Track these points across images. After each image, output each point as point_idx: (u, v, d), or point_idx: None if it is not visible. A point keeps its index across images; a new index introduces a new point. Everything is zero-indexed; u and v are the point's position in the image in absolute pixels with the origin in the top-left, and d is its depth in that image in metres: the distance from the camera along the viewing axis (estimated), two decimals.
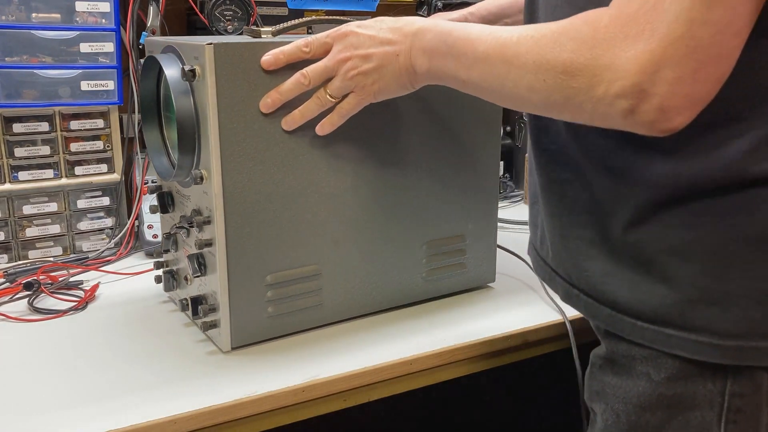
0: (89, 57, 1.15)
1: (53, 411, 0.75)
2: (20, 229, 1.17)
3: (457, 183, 0.98)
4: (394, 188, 0.93)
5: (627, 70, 0.53)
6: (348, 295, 0.93)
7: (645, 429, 0.66)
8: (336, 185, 0.88)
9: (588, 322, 0.74)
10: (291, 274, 0.87)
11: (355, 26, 0.77)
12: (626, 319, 0.66)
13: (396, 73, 0.75)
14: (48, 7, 1.12)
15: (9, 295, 1.02)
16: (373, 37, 0.75)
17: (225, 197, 0.81)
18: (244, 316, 0.85)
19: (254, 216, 0.83)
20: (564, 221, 0.71)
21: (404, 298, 0.98)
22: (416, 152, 0.93)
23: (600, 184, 0.66)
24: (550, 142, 0.72)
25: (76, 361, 0.85)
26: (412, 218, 0.95)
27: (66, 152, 1.18)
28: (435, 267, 0.99)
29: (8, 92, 1.11)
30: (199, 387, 0.79)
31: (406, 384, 0.87)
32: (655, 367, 0.64)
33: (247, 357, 0.85)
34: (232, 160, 0.81)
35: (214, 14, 1.23)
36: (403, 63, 0.74)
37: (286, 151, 0.84)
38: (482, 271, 1.04)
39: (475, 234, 1.01)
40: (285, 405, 0.79)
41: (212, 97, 0.78)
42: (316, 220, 0.88)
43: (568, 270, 0.72)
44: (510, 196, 1.58)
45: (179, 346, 0.88)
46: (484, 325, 0.93)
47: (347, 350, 0.87)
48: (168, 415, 0.73)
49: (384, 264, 0.94)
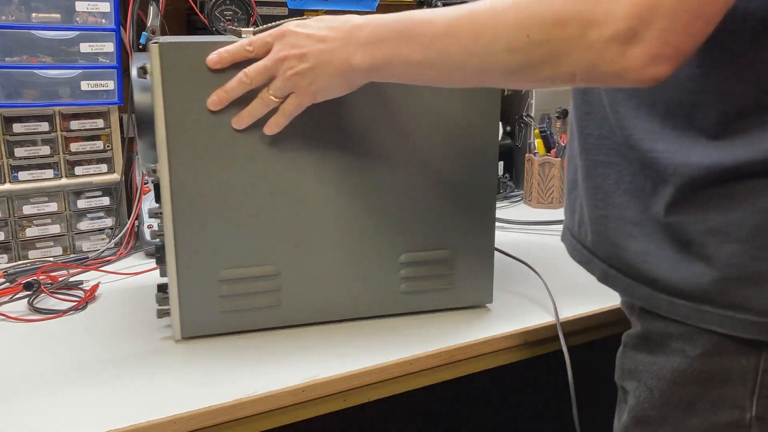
0: (89, 57, 1.15)
1: (53, 411, 0.75)
2: (20, 229, 1.17)
3: (442, 189, 0.91)
4: (364, 191, 0.89)
5: (624, 13, 0.54)
6: (311, 298, 0.91)
7: (678, 403, 0.68)
8: (295, 186, 0.86)
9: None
10: (247, 272, 0.88)
11: (294, 25, 0.76)
12: (663, 297, 0.67)
13: (331, 72, 0.74)
14: (48, 7, 1.12)
15: (9, 295, 1.02)
16: (310, 35, 0.74)
17: (173, 191, 0.83)
18: (196, 307, 0.87)
19: (204, 211, 0.85)
20: (606, 203, 0.73)
21: (379, 309, 0.93)
22: (390, 152, 0.88)
23: (643, 167, 0.68)
24: (595, 127, 0.74)
25: (76, 361, 0.85)
26: (385, 226, 0.90)
27: (66, 152, 1.18)
28: (415, 281, 0.94)
29: (8, 92, 1.11)
30: (199, 387, 0.79)
31: (406, 384, 0.87)
32: (691, 343, 0.66)
33: (248, 360, 0.85)
34: (179, 155, 0.83)
35: (214, 14, 1.23)
36: (338, 61, 0.73)
37: (237, 149, 0.84)
38: (475, 290, 0.97)
39: (465, 250, 0.94)
40: (285, 405, 0.79)
41: (158, 93, 0.81)
42: (274, 220, 0.87)
43: (607, 251, 0.74)
44: (510, 196, 1.58)
45: (179, 346, 0.88)
46: None
47: (347, 350, 0.87)
48: (168, 415, 0.73)
49: (353, 272, 0.91)
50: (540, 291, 1.03)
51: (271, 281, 0.89)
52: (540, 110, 1.59)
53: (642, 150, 0.67)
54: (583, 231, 0.78)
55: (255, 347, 0.88)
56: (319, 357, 0.85)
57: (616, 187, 0.71)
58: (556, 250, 1.20)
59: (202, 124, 0.83)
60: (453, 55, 0.66)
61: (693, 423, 0.67)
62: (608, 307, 0.98)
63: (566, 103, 1.61)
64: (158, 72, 0.80)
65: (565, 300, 1.00)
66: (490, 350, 0.91)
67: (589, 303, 0.99)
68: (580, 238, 0.79)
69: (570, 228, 0.83)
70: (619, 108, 0.68)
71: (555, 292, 1.00)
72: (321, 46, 0.74)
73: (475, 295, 0.97)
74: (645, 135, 0.67)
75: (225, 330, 0.89)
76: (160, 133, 0.82)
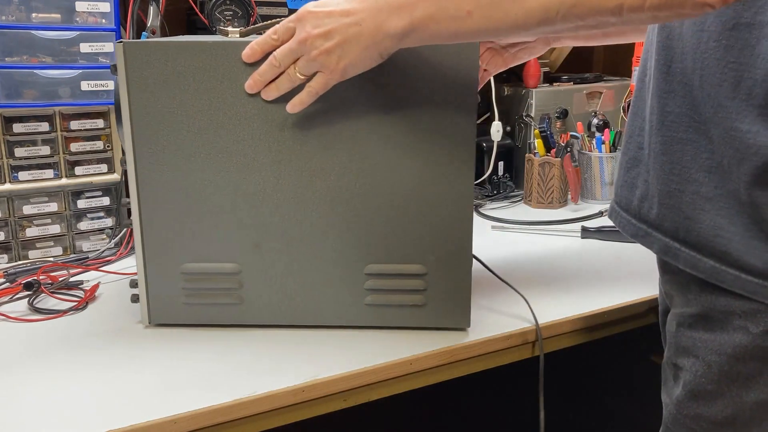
0: (89, 57, 1.15)
1: (53, 411, 0.75)
2: (20, 229, 1.17)
3: (412, 199, 0.87)
4: (328, 197, 0.86)
5: None
6: (272, 300, 0.91)
7: (736, 378, 0.71)
8: (255, 187, 0.87)
9: None
10: (208, 267, 0.90)
11: (312, 6, 0.76)
12: (730, 272, 0.70)
13: (362, 44, 0.73)
14: (48, 7, 1.12)
15: (9, 295, 1.02)
16: (331, 12, 0.73)
17: (138, 185, 0.88)
18: (161, 297, 0.91)
19: (168, 205, 0.88)
20: (682, 178, 0.74)
21: (343, 319, 0.91)
22: (355, 156, 0.85)
23: (722, 145, 0.70)
24: (676, 105, 0.75)
25: (76, 361, 0.85)
26: (350, 234, 0.88)
27: (66, 152, 1.18)
28: (382, 294, 0.90)
29: (8, 92, 1.11)
30: (199, 387, 0.79)
31: (406, 384, 0.86)
32: (754, 321, 0.69)
33: (248, 359, 0.85)
34: (143, 151, 0.86)
35: (214, 14, 1.23)
36: (368, 31, 0.72)
37: (199, 148, 0.86)
38: (450, 312, 0.90)
39: (438, 267, 0.88)
40: (285, 405, 0.79)
41: (124, 92, 0.85)
42: (235, 219, 0.88)
43: (676, 224, 0.75)
44: (510, 196, 1.58)
45: (179, 347, 0.88)
46: None
47: (347, 350, 0.87)
48: (168, 415, 0.73)
49: (315, 278, 0.89)
50: (538, 289, 1.03)
51: (233, 279, 0.90)
52: (540, 110, 1.59)
53: (725, 128, 0.69)
54: (646, 206, 0.80)
55: (255, 347, 0.88)
56: (319, 357, 0.85)
57: (692, 163, 0.73)
58: (556, 250, 1.20)
59: (166, 123, 0.86)
60: None
61: (750, 397, 0.71)
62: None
63: (566, 103, 1.62)
64: (123, 71, 0.84)
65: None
66: (490, 350, 0.91)
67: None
68: (639, 213, 0.81)
69: (624, 204, 0.84)
70: (710, 89, 0.70)
71: (550, 296, 1.00)
72: (346, 20, 0.72)
73: (450, 317, 0.90)
74: (727, 114, 0.69)
75: (189, 321, 0.92)
76: (126, 130, 0.86)
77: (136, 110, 0.85)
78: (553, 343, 0.96)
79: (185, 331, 0.92)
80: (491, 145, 1.56)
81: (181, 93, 0.84)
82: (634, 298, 1.01)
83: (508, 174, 1.62)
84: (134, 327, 0.94)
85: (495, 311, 0.97)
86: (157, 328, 0.93)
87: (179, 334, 0.91)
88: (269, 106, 0.84)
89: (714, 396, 0.73)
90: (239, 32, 0.92)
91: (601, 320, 0.99)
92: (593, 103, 1.66)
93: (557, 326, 0.95)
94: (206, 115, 0.85)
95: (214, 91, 0.84)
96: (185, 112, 0.85)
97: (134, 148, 0.86)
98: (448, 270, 0.88)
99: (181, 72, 0.84)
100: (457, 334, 0.90)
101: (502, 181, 1.59)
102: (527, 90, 1.59)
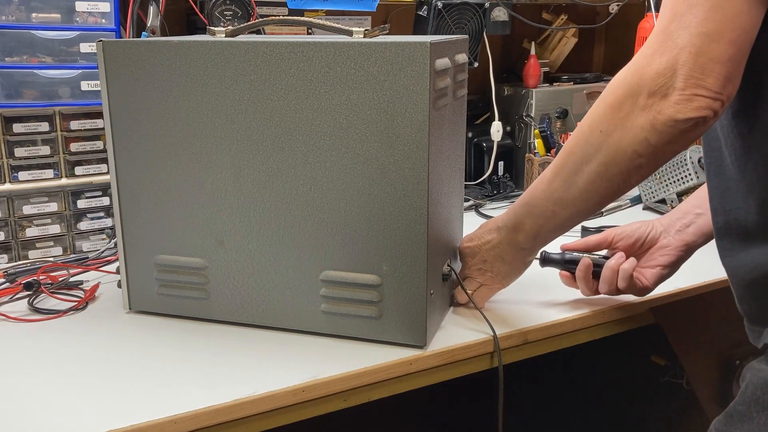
0: (89, 57, 1.15)
1: (53, 411, 0.75)
2: (20, 229, 1.17)
3: (367, 208, 0.84)
4: (284, 202, 0.86)
5: (653, 75, 0.69)
6: (235, 298, 0.92)
7: (766, 406, 0.71)
8: (216, 186, 0.89)
9: None
10: (177, 260, 0.93)
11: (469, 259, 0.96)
12: None
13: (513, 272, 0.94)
14: (48, 7, 1.12)
15: (9, 295, 1.02)
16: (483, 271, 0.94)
17: (117, 177, 0.93)
18: (138, 285, 0.96)
19: (142, 198, 0.93)
20: None
21: (300, 323, 0.90)
22: (309, 162, 0.84)
23: None
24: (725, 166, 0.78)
25: (76, 361, 0.85)
26: (305, 239, 0.87)
27: (66, 152, 1.18)
28: (337, 302, 0.88)
29: (8, 92, 1.11)
30: (199, 387, 0.79)
31: (406, 384, 0.87)
32: None
33: (248, 359, 0.85)
34: (121, 146, 0.92)
35: (214, 14, 1.23)
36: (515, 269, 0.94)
37: (167, 144, 0.89)
38: (405, 327, 0.86)
39: (393, 280, 0.85)
40: (285, 405, 0.79)
41: (103, 89, 0.89)
42: (201, 216, 0.91)
43: None
44: (510, 196, 1.58)
45: (179, 347, 0.88)
46: None
47: (346, 350, 0.87)
48: (168, 415, 0.73)
49: (272, 280, 0.90)
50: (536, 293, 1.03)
51: (200, 273, 0.93)
52: (540, 110, 1.59)
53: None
54: None
55: (255, 347, 0.88)
56: (319, 357, 0.85)
57: None
58: (556, 249, 1.19)
59: (140, 121, 0.89)
60: (569, 185, 0.80)
61: None
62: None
63: (566, 103, 1.62)
64: (102, 69, 0.88)
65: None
66: (490, 350, 0.91)
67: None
68: None
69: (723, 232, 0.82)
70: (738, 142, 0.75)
71: (550, 296, 1.00)
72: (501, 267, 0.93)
73: (406, 333, 0.86)
74: None
75: (163, 311, 0.96)
76: (106, 126, 0.91)
77: (115, 108, 0.90)
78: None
79: (185, 331, 0.92)
80: (491, 145, 1.56)
81: (153, 91, 0.87)
82: (633, 299, 1.01)
83: (508, 174, 1.62)
84: (134, 327, 0.94)
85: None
86: (157, 329, 0.93)
87: (179, 334, 0.91)
88: (232, 107, 0.85)
89: (742, 418, 0.73)
90: (225, 32, 0.93)
91: (601, 320, 0.99)
92: (593, 103, 1.66)
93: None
94: (174, 113, 0.88)
95: (182, 90, 0.86)
96: (157, 110, 0.88)
97: (113, 143, 0.92)
98: (402, 282, 0.85)
99: (153, 71, 0.87)
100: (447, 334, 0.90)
101: (502, 181, 1.59)
102: (527, 90, 1.59)
